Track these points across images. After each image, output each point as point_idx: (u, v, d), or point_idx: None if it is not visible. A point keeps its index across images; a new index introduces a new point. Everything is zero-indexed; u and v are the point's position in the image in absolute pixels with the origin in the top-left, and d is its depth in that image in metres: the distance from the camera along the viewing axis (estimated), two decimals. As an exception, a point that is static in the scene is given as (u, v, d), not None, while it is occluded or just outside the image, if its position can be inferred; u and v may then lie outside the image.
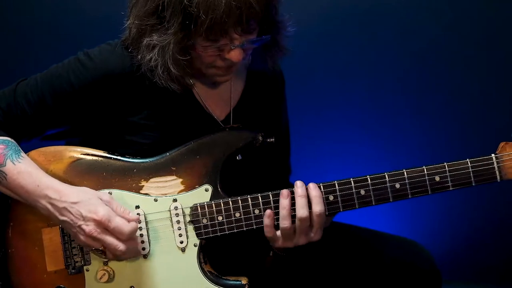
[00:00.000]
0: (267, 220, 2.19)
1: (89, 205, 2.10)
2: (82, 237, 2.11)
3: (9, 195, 2.21)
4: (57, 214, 2.13)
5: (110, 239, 2.10)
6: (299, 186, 2.18)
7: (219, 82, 2.32)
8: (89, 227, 2.08)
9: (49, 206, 2.13)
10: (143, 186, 2.25)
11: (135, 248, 2.18)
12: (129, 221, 2.13)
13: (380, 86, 3.62)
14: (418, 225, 3.67)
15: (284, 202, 2.17)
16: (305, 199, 2.16)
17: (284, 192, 2.18)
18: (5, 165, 2.17)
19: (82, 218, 2.09)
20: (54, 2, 3.60)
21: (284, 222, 2.17)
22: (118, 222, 2.10)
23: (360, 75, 3.61)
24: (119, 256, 2.14)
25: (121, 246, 2.11)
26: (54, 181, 2.16)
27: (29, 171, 2.16)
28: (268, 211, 2.19)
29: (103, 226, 2.09)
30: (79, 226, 2.10)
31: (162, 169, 2.26)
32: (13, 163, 2.17)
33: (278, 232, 2.20)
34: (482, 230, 3.70)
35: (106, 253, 2.13)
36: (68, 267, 2.23)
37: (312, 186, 2.18)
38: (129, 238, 2.12)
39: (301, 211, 2.16)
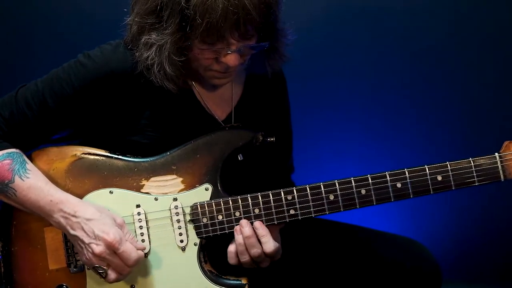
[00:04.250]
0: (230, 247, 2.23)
1: (102, 225, 2.11)
2: (89, 255, 2.12)
3: (20, 208, 2.21)
4: (68, 228, 2.14)
5: (117, 262, 2.11)
6: (244, 225, 2.19)
7: (217, 85, 2.32)
8: (99, 248, 2.09)
9: (62, 220, 2.14)
10: (143, 185, 2.25)
11: (135, 273, 2.19)
12: (137, 248, 2.14)
13: (381, 86, 3.62)
14: (419, 225, 3.67)
15: (239, 238, 2.19)
16: (253, 238, 2.18)
17: (237, 228, 2.20)
18: (14, 181, 2.18)
19: (94, 237, 2.10)
20: (54, 3, 3.60)
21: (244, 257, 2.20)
22: (128, 248, 2.11)
23: (362, 75, 3.62)
24: (119, 279, 2.15)
25: (126, 270, 2.13)
26: (68, 195, 2.18)
27: (39, 186, 2.17)
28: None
29: (112, 249, 2.10)
30: (89, 244, 2.11)
31: (163, 168, 2.26)
32: (21, 178, 2.18)
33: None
34: (483, 230, 3.70)
35: (107, 273, 2.13)
36: (69, 265, 2.23)
37: (258, 224, 2.19)
38: (135, 264, 2.13)
39: (253, 250, 2.18)
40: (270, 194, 2.21)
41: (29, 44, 3.61)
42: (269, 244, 2.18)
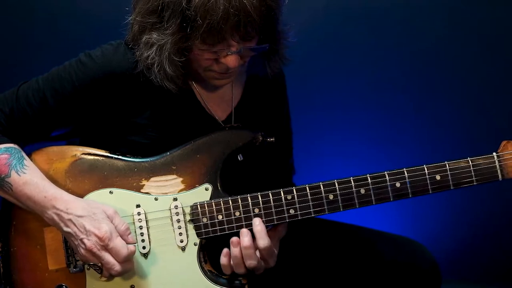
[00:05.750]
0: (224, 260, 2.21)
1: (94, 220, 2.12)
2: (82, 251, 2.13)
3: (15, 203, 2.22)
4: (62, 225, 2.15)
5: (107, 258, 2.11)
6: (244, 235, 2.18)
7: (217, 85, 2.33)
8: (90, 242, 2.10)
9: (55, 217, 2.15)
10: (143, 185, 2.25)
11: (130, 269, 2.18)
12: (128, 243, 2.14)
13: (380, 85, 3.62)
14: (419, 225, 3.67)
15: (235, 250, 2.18)
16: (252, 249, 2.17)
17: (234, 240, 2.18)
18: (10, 176, 2.19)
19: (85, 232, 2.11)
20: (54, 2, 3.61)
21: (240, 269, 2.19)
22: (117, 243, 2.12)
23: (361, 74, 3.62)
24: (114, 276, 2.16)
25: (117, 266, 2.12)
26: (63, 192, 2.18)
27: (35, 182, 2.18)
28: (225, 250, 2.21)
29: (103, 244, 2.10)
30: (81, 240, 2.12)
31: (163, 168, 2.26)
32: (18, 173, 2.18)
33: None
34: (483, 230, 3.70)
35: (102, 270, 2.15)
36: (69, 265, 2.23)
37: (257, 221, 2.19)
38: (125, 260, 2.14)
39: (249, 261, 2.17)
40: (269, 194, 2.21)
41: (30, 43, 3.61)
42: (264, 240, 2.16)
